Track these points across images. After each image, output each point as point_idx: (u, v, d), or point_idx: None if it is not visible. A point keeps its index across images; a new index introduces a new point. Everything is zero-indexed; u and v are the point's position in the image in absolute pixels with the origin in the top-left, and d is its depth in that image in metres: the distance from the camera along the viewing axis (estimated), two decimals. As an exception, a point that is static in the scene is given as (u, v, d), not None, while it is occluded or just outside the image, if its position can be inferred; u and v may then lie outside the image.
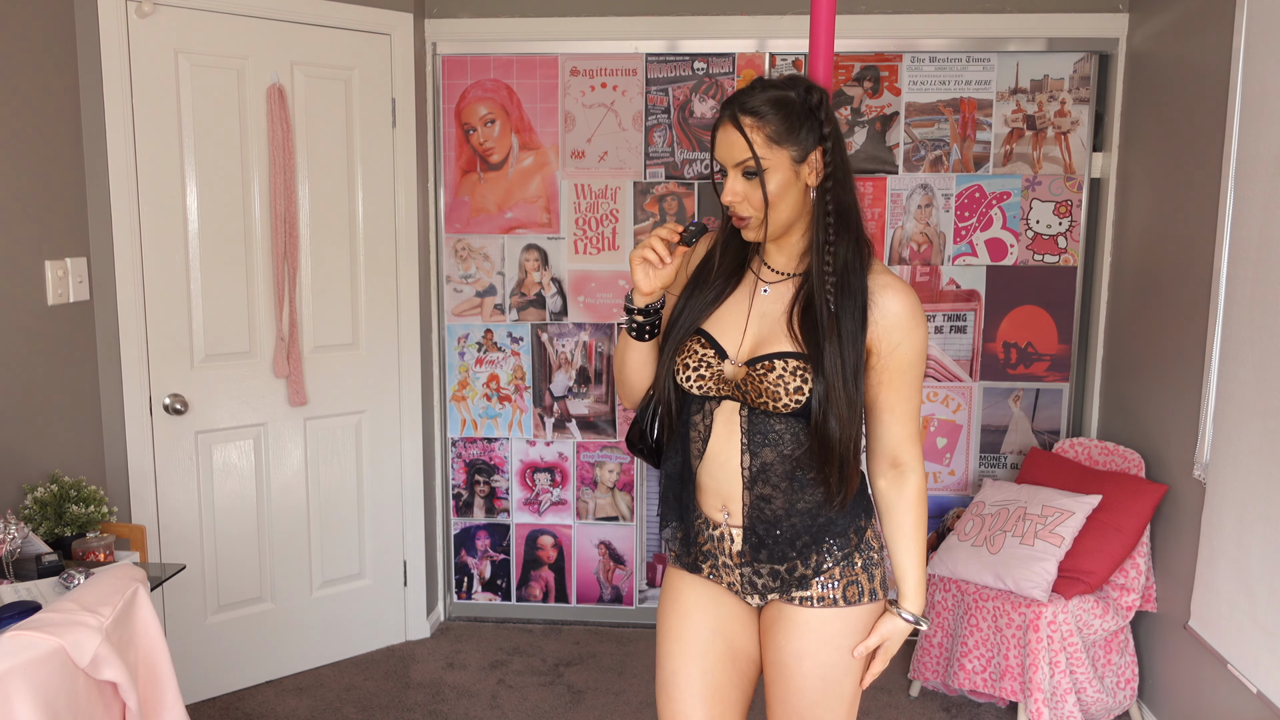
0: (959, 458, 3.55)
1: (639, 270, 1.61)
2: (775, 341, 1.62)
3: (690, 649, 1.74)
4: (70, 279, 2.67)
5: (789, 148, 1.54)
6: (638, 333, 1.69)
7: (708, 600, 1.75)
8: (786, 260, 1.67)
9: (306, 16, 3.07)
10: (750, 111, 1.53)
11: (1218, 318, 2.56)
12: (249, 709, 3.08)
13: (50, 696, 1.56)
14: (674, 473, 1.73)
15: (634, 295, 1.65)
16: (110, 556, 2.29)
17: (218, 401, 3.04)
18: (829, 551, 1.66)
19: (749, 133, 1.53)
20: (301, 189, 3.12)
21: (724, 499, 1.67)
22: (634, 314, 1.67)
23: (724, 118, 1.56)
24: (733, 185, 1.56)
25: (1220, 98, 2.60)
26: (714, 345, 1.65)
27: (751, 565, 1.68)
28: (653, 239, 1.60)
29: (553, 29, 3.43)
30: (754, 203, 1.56)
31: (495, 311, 3.61)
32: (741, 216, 1.58)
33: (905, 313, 1.61)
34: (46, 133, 2.58)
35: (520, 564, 3.74)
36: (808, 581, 1.67)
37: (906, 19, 3.33)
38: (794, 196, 1.57)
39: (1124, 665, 2.93)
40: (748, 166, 1.54)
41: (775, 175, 1.54)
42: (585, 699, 3.16)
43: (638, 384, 1.76)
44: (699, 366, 1.65)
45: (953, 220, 3.44)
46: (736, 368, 1.63)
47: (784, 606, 1.70)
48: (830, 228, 1.58)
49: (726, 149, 1.56)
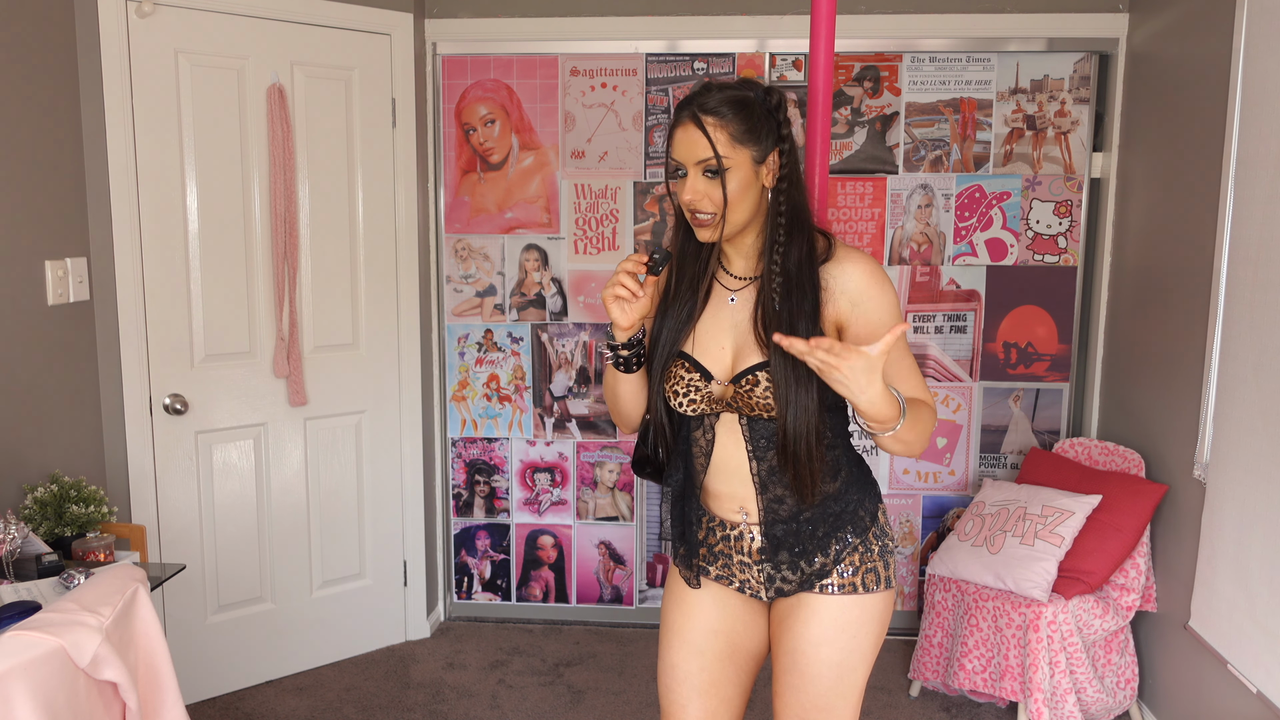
0: (959, 458, 3.55)
1: (614, 308, 1.61)
2: (750, 353, 1.63)
3: (689, 644, 1.77)
4: (70, 279, 2.67)
5: (750, 148, 1.56)
6: (625, 367, 1.70)
7: (710, 600, 1.78)
8: (744, 264, 1.68)
9: (306, 16, 3.07)
10: (711, 111, 1.54)
11: (1218, 318, 2.56)
12: (249, 709, 3.08)
13: (50, 696, 1.56)
14: (675, 492, 1.75)
15: (614, 331, 1.66)
16: (110, 556, 2.29)
17: (218, 401, 3.04)
18: (846, 539, 1.69)
19: (711, 131, 1.54)
20: (301, 189, 3.12)
21: (740, 501, 1.70)
22: (618, 350, 1.68)
23: (684, 117, 1.56)
24: (693, 184, 1.56)
25: (1220, 98, 2.60)
26: (698, 368, 1.67)
27: (773, 562, 1.70)
28: (620, 275, 1.60)
29: (553, 29, 3.43)
30: (715, 201, 1.57)
31: (495, 311, 3.61)
32: (702, 215, 1.58)
33: (865, 278, 1.60)
34: (46, 133, 2.58)
35: (520, 564, 3.74)
36: (828, 570, 1.69)
37: (906, 19, 3.33)
38: (752, 196, 1.59)
39: (1124, 665, 2.93)
40: (709, 165, 1.55)
41: (736, 175, 1.56)
42: (585, 699, 3.16)
43: (632, 412, 1.77)
44: (688, 391, 1.67)
45: (953, 220, 3.44)
46: (724, 387, 1.65)
47: (802, 594, 1.71)
48: (781, 228, 1.60)
49: (688, 148, 1.56)
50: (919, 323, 3.49)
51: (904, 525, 3.60)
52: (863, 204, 3.44)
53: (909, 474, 3.58)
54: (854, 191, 3.44)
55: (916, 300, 3.48)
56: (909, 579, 3.62)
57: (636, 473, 1.84)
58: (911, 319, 3.49)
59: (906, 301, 3.48)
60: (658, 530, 3.67)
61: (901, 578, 3.63)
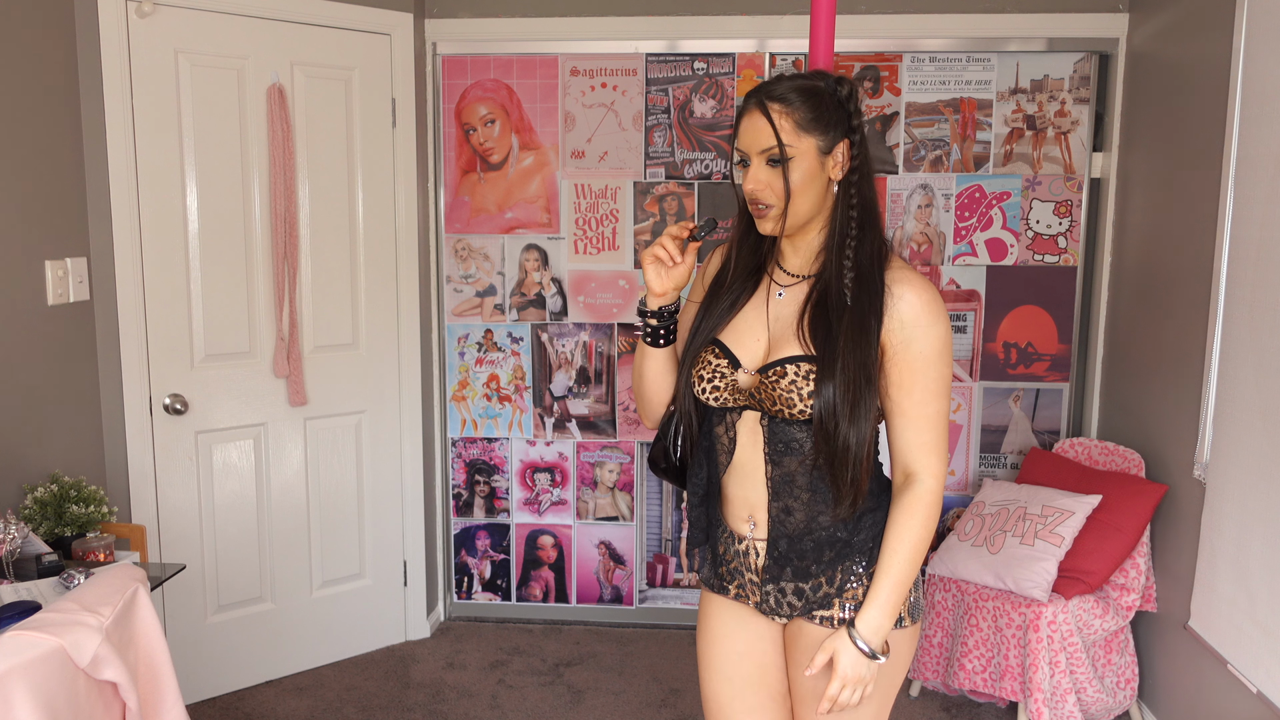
0: (959, 458, 3.55)
1: (650, 270, 1.58)
2: (786, 346, 1.56)
3: (719, 673, 1.74)
4: (70, 279, 2.67)
5: (816, 137, 1.50)
6: (652, 338, 1.64)
7: (734, 622, 1.73)
8: (801, 261, 1.62)
9: (306, 16, 3.07)
10: (778, 98, 1.50)
11: (1218, 318, 2.56)
12: (249, 709, 3.08)
13: (50, 696, 1.56)
14: (699, 492, 1.68)
15: (647, 298, 1.61)
16: (110, 556, 2.29)
17: (218, 401, 3.04)
18: (853, 569, 1.61)
19: (776, 119, 1.49)
20: (301, 189, 3.12)
21: (751, 509, 1.63)
22: (648, 317, 1.63)
23: (750, 105, 1.52)
24: (755, 173, 1.52)
25: (1220, 98, 2.60)
26: (728, 355, 1.61)
27: (776, 583, 1.64)
28: (664, 237, 1.57)
29: (553, 29, 3.43)
30: (777, 191, 1.52)
31: (495, 311, 3.61)
32: (763, 205, 1.54)
33: (920, 306, 1.52)
34: (46, 133, 2.58)
35: (520, 564, 3.74)
36: (830, 600, 1.62)
37: (906, 19, 3.33)
38: (817, 189, 1.53)
39: (1124, 665, 2.93)
40: (772, 154, 1.50)
41: (800, 164, 1.50)
42: (585, 699, 3.16)
43: (655, 397, 1.71)
44: (713, 378, 1.61)
45: (953, 220, 3.44)
46: (750, 376, 1.59)
47: (805, 625, 1.64)
48: (853, 222, 1.54)
49: (752, 136, 1.51)
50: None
51: (904, 525, 3.60)
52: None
53: (909, 474, 3.57)
54: (854, 191, 3.44)
55: (916, 300, 3.47)
56: (909, 579, 3.62)
57: (652, 469, 1.77)
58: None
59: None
60: (657, 531, 3.68)
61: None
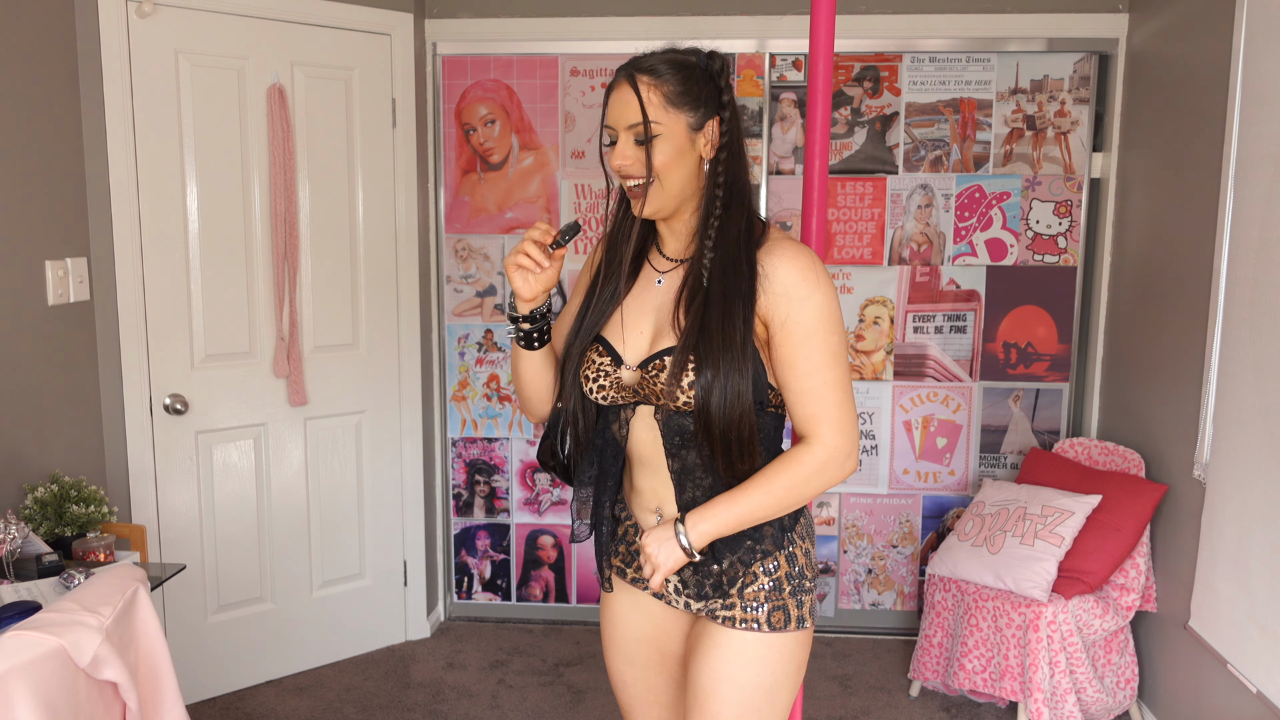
0: (959, 458, 3.55)
1: (516, 277, 1.53)
2: (664, 337, 1.52)
3: (620, 653, 1.74)
4: (70, 279, 2.67)
5: (685, 113, 1.46)
6: (526, 341, 1.60)
7: (634, 606, 1.71)
8: (678, 245, 1.58)
9: (306, 16, 3.07)
10: (647, 70, 1.46)
11: (1218, 318, 2.56)
12: (249, 709, 3.08)
13: (50, 696, 1.56)
14: (587, 486, 1.64)
15: (516, 303, 1.57)
16: (110, 556, 2.29)
17: (218, 401, 3.04)
18: (751, 553, 1.55)
19: (644, 92, 1.45)
20: (301, 189, 3.12)
21: (660, 500, 1.60)
22: (519, 322, 1.59)
23: (619, 79, 1.48)
24: (623, 148, 1.47)
25: (1220, 98, 2.60)
26: (611, 352, 1.56)
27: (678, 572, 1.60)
28: (525, 244, 1.51)
29: (553, 29, 3.43)
30: (645, 167, 1.47)
31: (495, 311, 3.61)
32: (633, 183, 1.49)
33: (792, 279, 1.46)
34: (46, 132, 2.58)
35: (520, 564, 3.74)
36: (728, 593, 1.57)
37: (906, 19, 3.33)
38: (687, 167, 1.48)
39: (1124, 665, 2.93)
40: (638, 132, 1.46)
41: (668, 142, 1.46)
42: (585, 699, 3.16)
43: (536, 396, 1.67)
44: (598, 377, 1.56)
45: (953, 220, 3.44)
46: (632, 372, 1.54)
47: (708, 625, 1.60)
48: (718, 201, 1.49)
49: (620, 110, 1.47)
50: (919, 322, 3.48)
51: (904, 525, 3.60)
52: (863, 204, 3.45)
53: (909, 474, 3.58)
54: (854, 192, 3.44)
55: (916, 300, 3.48)
56: (909, 579, 3.62)
57: (541, 466, 1.71)
58: (911, 319, 3.49)
59: (907, 301, 3.48)
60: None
61: (901, 578, 3.63)
